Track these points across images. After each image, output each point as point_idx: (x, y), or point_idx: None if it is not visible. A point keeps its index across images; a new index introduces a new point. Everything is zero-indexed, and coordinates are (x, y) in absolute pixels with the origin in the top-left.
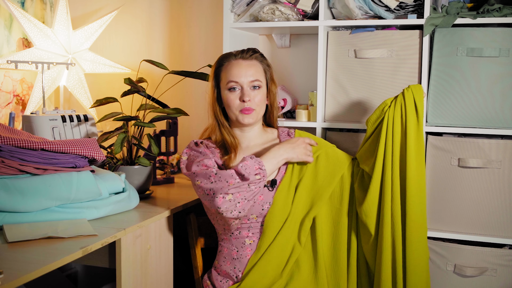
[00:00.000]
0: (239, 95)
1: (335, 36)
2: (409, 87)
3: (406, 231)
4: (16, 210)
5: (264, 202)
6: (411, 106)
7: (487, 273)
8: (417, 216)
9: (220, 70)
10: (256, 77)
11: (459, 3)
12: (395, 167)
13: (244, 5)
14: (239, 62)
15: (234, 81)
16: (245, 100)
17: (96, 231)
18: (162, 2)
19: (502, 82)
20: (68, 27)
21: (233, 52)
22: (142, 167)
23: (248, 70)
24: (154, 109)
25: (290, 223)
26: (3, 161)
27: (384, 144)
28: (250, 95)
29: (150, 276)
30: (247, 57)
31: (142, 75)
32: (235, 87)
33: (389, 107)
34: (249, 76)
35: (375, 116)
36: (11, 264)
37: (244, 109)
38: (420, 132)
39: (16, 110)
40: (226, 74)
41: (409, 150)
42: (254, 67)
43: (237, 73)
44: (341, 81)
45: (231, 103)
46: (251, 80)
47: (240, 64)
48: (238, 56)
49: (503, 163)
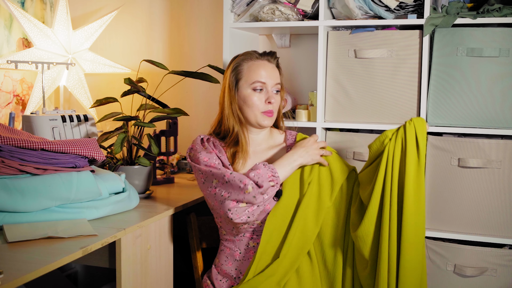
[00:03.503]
0: (264, 97)
1: (335, 36)
2: (412, 120)
3: (399, 271)
4: (16, 210)
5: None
6: (412, 141)
7: (487, 273)
8: (412, 256)
9: (241, 67)
10: (279, 81)
11: (459, 3)
12: (393, 203)
13: (244, 5)
14: (265, 63)
15: (261, 82)
16: (271, 102)
17: (96, 231)
18: (162, 2)
19: (502, 82)
20: (68, 27)
21: (255, 52)
22: (142, 167)
23: (273, 73)
24: (154, 109)
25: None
26: (3, 161)
27: (383, 180)
28: (274, 97)
29: (150, 276)
30: (272, 60)
31: (142, 75)
32: (262, 88)
33: (390, 140)
34: (275, 78)
35: (375, 146)
36: (11, 264)
37: (268, 111)
38: (421, 169)
39: (16, 110)
40: (251, 73)
41: (408, 188)
42: (275, 70)
43: (266, 75)
44: (341, 81)
45: (255, 103)
46: (276, 83)
47: (267, 66)
48: (264, 58)
49: (503, 163)
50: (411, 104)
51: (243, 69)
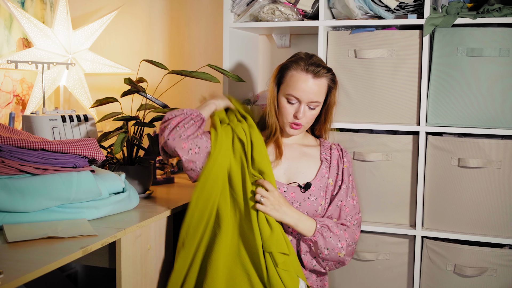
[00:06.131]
0: (294, 110)
1: (335, 36)
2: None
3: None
4: (16, 210)
5: (295, 201)
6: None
7: (487, 273)
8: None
9: (285, 73)
10: (317, 99)
11: (459, 3)
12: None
13: (244, 5)
14: (308, 78)
15: (294, 97)
16: (297, 117)
17: (96, 231)
18: (162, 2)
19: (502, 82)
20: (68, 27)
21: (307, 61)
22: (142, 167)
23: (312, 89)
24: (154, 109)
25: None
26: (3, 161)
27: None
28: (305, 113)
29: (150, 276)
30: (318, 75)
31: (142, 75)
32: (293, 102)
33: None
34: (311, 95)
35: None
36: (11, 264)
37: (294, 123)
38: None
39: (16, 110)
40: (290, 83)
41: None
42: (319, 87)
43: (301, 90)
44: (341, 81)
45: (285, 113)
46: (311, 101)
47: (307, 82)
48: (310, 71)
49: (503, 163)
50: (411, 104)
51: (286, 74)
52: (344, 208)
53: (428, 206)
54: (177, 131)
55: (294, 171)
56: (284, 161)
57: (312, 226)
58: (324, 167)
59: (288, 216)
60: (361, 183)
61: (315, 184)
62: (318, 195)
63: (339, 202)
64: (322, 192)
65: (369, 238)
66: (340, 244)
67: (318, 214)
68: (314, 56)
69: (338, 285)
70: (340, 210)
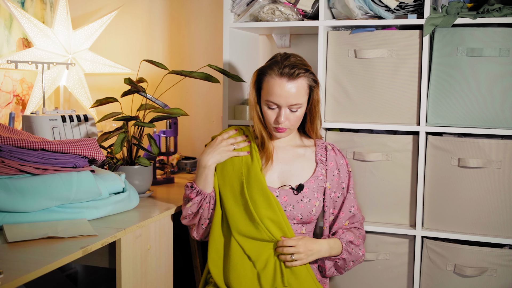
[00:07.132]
0: (276, 115)
1: (335, 36)
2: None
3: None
4: (16, 210)
5: (288, 204)
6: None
7: (487, 273)
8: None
9: (262, 78)
10: (297, 101)
11: (459, 3)
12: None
13: (244, 5)
14: (282, 82)
15: (273, 102)
16: (280, 122)
17: (96, 231)
18: (162, 2)
19: (502, 82)
20: (68, 27)
21: (281, 64)
22: (142, 167)
23: (289, 93)
24: (154, 109)
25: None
26: (3, 161)
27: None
28: (287, 116)
29: (150, 276)
30: (293, 77)
31: (142, 75)
32: (273, 107)
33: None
34: (290, 99)
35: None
36: (11, 264)
37: (278, 128)
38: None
39: (16, 110)
40: (267, 89)
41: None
42: (297, 89)
43: (278, 95)
44: (341, 81)
45: (267, 118)
46: (290, 104)
47: (283, 86)
48: (285, 74)
49: (503, 163)
50: (411, 104)
51: (263, 80)
52: (356, 213)
53: (428, 206)
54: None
55: (288, 174)
56: (277, 164)
57: (340, 246)
58: (320, 169)
59: (322, 251)
60: (361, 183)
61: (308, 185)
62: (312, 197)
63: (352, 208)
64: (315, 193)
65: (369, 238)
66: (361, 252)
67: (313, 215)
68: (291, 57)
69: (338, 284)
70: (354, 215)
